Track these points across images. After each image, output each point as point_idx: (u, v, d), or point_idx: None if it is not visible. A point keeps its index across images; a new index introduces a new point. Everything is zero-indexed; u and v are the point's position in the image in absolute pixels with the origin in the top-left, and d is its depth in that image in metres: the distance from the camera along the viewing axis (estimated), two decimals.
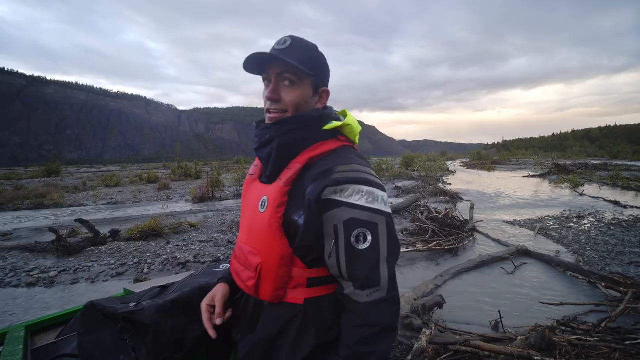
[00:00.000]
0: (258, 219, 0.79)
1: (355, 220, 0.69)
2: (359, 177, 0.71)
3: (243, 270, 0.83)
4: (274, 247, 0.75)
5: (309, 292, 0.77)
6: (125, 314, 0.85)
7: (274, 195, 0.76)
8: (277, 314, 0.78)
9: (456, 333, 2.49)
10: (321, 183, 0.70)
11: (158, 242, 5.40)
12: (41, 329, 1.43)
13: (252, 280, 0.78)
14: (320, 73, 0.80)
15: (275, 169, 0.79)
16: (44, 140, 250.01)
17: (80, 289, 3.74)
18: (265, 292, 0.77)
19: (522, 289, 3.50)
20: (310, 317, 0.75)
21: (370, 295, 0.68)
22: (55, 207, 10.26)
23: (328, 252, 0.72)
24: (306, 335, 0.75)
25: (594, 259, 4.37)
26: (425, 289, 3.31)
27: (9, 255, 4.87)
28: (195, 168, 20.97)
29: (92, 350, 0.94)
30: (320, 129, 0.79)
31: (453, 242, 4.96)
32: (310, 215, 0.71)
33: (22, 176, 23.10)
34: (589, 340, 2.07)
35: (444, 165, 20.79)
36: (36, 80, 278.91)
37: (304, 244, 0.74)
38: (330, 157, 0.75)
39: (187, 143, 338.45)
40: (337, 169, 0.71)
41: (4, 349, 1.18)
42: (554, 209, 8.23)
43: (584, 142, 77.22)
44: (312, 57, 0.78)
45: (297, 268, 0.76)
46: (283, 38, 0.78)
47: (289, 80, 0.76)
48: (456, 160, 45.75)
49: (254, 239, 0.80)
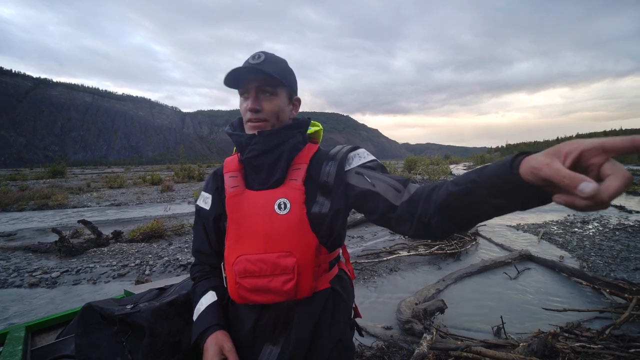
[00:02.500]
0: (280, 221, 0.78)
1: (366, 165, 0.85)
2: (350, 148, 0.88)
3: (273, 278, 0.78)
4: (308, 242, 0.78)
5: (330, 275, 0.86)
6: (122, 316, 0.85)
7: (295, 194, 0.80)
8: (312, 306, 0.81)
9: (457, 338, 2.46)
10: (333, 165, 0.83)
11: (160, 244, 5.41)
12: (41, 329, 1.43)
13: (292, 282, 0.76)
14: (292, 84, 0.88)
15: (284, 171, 0.83)
16: (50, 141, 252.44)
17: (82, 290, 3.75)
18: (304, 289, 0.78)
19: (525, 295, 3.46)
20: (337, 295, 0.85)
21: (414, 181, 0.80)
22: (59, 208, 10.35)
23: (369, 185, 0.79)
24: (338, 313, 0.86)
25: (599, 264, 4.32)
26: (426, 293, 3.29)
27: (13, 256, 4.90)
28: (198, 170, 21.05)
29: (89, 352, 0.94)
30: (305, 133, 0.90)
31: (455, 246, 4.92)
32: (338, 186, 0.81)
33: (28, 177, 23.34)
34: (592, 347, 2.03)
35: (447, 169, 20.70)
36: (42, 82, 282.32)
37: (331, 225, 0.81)
38: (324, 150, 0.89)
39: (190, 145, 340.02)
40: (333, 152, 0.87)
41: (4, 349, 1.18)
42: (558, 213, 8.16)
43: None
44: (284, 70, 0.85)
45: (323, 255, 0.83)
46: (256, 54, 0.84)
47: (268, 91, 0.82)
48: (459, 164, 45.56)
49: (280, 242, 0.78)
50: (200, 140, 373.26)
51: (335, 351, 0.84)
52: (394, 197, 0.75)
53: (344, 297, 0.87)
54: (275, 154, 0.82)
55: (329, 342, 0.83)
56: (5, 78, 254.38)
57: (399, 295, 3.29)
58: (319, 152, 0.88)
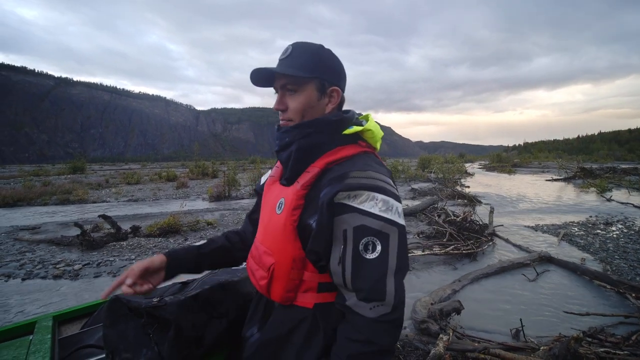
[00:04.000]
0: (274, 220, 0.80)
1: (366, 227, 0.67)
2: (374, 184, 0.69)
3: (257, 269, 0.83)
4: (287, 249, 0.75)
5: (319, 297, 0.76)
6: (149, 308, 0.87)
7: (291, 198, 0.76)
8: (287, 316, 0.78)
9: (474, 340, 2.42)
10: (335, 187, 0.69)
11: (176, 239, 5.53)
12: (67, 319, 1.49)
13: (265, 280, 0.79)
14: (325, 72, 0.78)
15: (294, 172, 0.79)
16: (70, 138, 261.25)
17: (102, 282, 3.87)
18: (276, 293, 0.77)
19: (544, 297, 3.36)
20: (320, 321, 0.74)
21: (374, 309, 0.65)
22: (79, 203, 10.70)
23: (335, 257, 0.70)
24: (314, 340, 0.74)
25: (623, 268, 4.16)
26: (442, 294, 3.24)
27: (38, 248, 5.11)
28: (212, 167, 21.38)
29: (117, 342, 0.97)
30: (339, 134, 0.79)
31: (471, 247, 4.83)
32: (322, 218, 0.70)
33: (50, 173, 24.23)
34: (618, 353, 1.96)
35: (462, 167, 20.31)
36: (63, 82, 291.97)
37: (313, 249, 0.73)
38: (347, 162, 0.74)
39: (204, 142, 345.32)
40: (352, 174, 0.70)
41: (33, 337, 1.23)
42: (579, 214, 7.89)
43: (612, 144, 73.71)
44: (313, 60, 0.77)
45: (309, 272, 0.76)
46: (286, 47, 0.79)
47: (291, 89, 0.77)
48: (475, 163, 44.64)
49: (269, 239, 0.81)
50: (214, 137, 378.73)
51: None
52: (340, 285, 0.71)
53: (326, 328, 0.74)
54: (287, 152, 0.80)
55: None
56: (29, 77, 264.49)
57: (413, 295, 3.26)
58: (337, 163, 0.75)
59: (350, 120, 0.81)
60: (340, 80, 0.81)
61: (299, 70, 0.75)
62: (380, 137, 0.83)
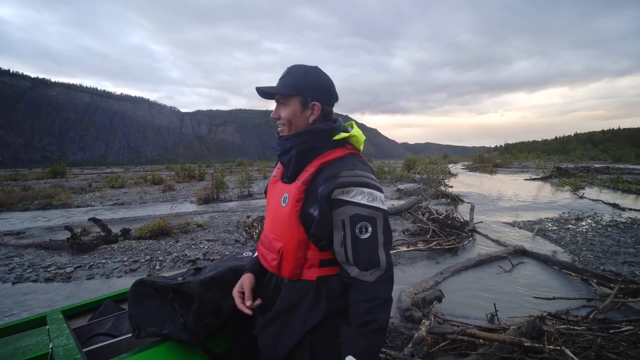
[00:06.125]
0: (280, 211, 0.98)
1: (359, 215, 0.87)
2: (361, 181, 0.89)
3: (268, 253, 1.02)
4: (293, 234, 0.95)
5: (320, 271, 0.96)
6: (175, 286, 1.03)
7: (293, 193, 0.95)
8: (295, 288, 0.96)
9: (454, 324, 2.65)
10: (330, 184, 0.88)
11: (167, 241, 5.58)
12: (73, 314, 1.62)
13: (275, 261, 0.98)
14: (307, 90, 0.97)
15: (295, 171, 0.99)
16: (48, 141, 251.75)
17: (95, 284, 3.92)
18: (286, 271, 0.97)
19: (518, 286, 3.65)
20: (322, 290, 0.94)
21: (373, 274, 0.87)
22: (63, 207, 10.48)
23: (337, 241, 0.90)
24: (318, 305, 0.93)
25: (589, 258, 4.52)
26: (425, 285, 3.47)
27: (25, 253, 5.07)
28: (198, 170, 21.20)
29: (142, 319, 1.12)
30: (330, 139, 0.98)
31: (453, 242, 5.11)
32: (323, 210, 0.90)
33: (28, 177, 23.40)
34: (576, 329, 2.23)
35: (446, 168, 20.91)
36: (40, 82, 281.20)
37: (316, 233, 0.93)
38: (338, 163, 0.93)
39: (189, 145, 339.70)
40: (343, 174, 0.89)
41: (50, 327, 1.37)
42: (554, 211, 8.36)
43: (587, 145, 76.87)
44: (299, 80, 0.97)
45: (311, 251, 0.96)
46: (286, 69, 1.01)
47: (281, 102, 0.99)
48: (458, 163, 45.78)
49: (277, 227, 1.00)
50: (199, 140, 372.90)
51: (308, 336, 0.93)
52: (344, 262, 0.91)
53: (327, 296, 0.93)
54: (288, 156, 0.99)
55: (303, 325, 0.92)
56: (3, 78, 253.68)
57: (398, 287, 3.47)
58: (329, 164, 0.94)
59: (339, 128, 1.01)
60: (322, 96, 1.00)
61: (286, 89, 0.97)
62: (363, 140, 1.03)
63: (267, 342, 0.97)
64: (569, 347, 2.03)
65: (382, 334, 0.86)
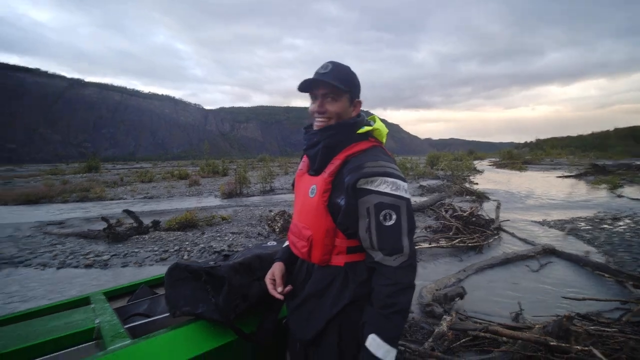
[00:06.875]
0: (308, 202, 1.04)
1: (383, 203, 0.91)
2: (384, 171, 0.93)
3: (298, 241, 1.08)
4: (321, 223, 1.00)
5: (348, 258, 1.01)
6: (208, 269, 1.11)
7: (321, 184, 1.00)
8: (324, 274, 1.02)
9: (476, 322, 2.62)
10: (355, 175, 0.92)
11: (194, 233, 5.83)
12: (113, 295, 1.76)
13: (305, 248, 1.04)
14: (354, 89, 1.04)
15: (321, 164, 1.03)
16: (83, 138, 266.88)
17: (130, 271, 4.18)
18: (315, 257, 1.02)
19: (545, 286, 3.53)
20: (349, 275, 0.99)
21: (396, 259, 0.91)
22: (98, 200, 11.16)
23: (363, 228, 0.94)
24: (346, 289, 0.99)
25: (626, 260, 4.28)
26: (447, 282, 3.44)
27: (67, 241, 5.47)
28: (222, 166, 21.79)
29: (177, 300, 1.22)
30: (354, 133, 1.02)
31: (477, 240, 4.99)
32: (349, 199, 0.94)
33: (65, 172, 25.03)
34: (607, 330, 2.14)
35: (471, 165, 20.28)
36: (76, 82, 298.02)
37: (343, 221, 0.97)
38: (363, 155, 0.97)
39: (213, 141, 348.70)
40: (367, 164, 0.93)
41: (94, 305, 1.50)
42: (588, 210, 7.94)
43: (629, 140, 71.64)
44: (347, 77, 1.02)
45: (339, 239, 1.01)
46: (325, 64, 1.03)
47: (332, 97, 1.01)
48: (484, 160, 44.21)
49: (306, 217, 1.05)
50: (223, 136, 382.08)
51: (336, 319, 0.98)
52: (369, 247, 0.95)
53: (354, 281, 0.97)
54: (315, 149, 1.04)
55: (331, 308, 0.98)
56: (43, 79, 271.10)
57: (420, 283, 3.46)
58: (354, 156, 0.98)
59: (362, 122, 1.06)
60: (359, 94, 1.08)
61: (341, 83, 0.99)
62: (385, 133, 1.07)
63: (297, 325, 1.04)
64: (598, 348, 1.96)
65: (403, 316, 0.90)
